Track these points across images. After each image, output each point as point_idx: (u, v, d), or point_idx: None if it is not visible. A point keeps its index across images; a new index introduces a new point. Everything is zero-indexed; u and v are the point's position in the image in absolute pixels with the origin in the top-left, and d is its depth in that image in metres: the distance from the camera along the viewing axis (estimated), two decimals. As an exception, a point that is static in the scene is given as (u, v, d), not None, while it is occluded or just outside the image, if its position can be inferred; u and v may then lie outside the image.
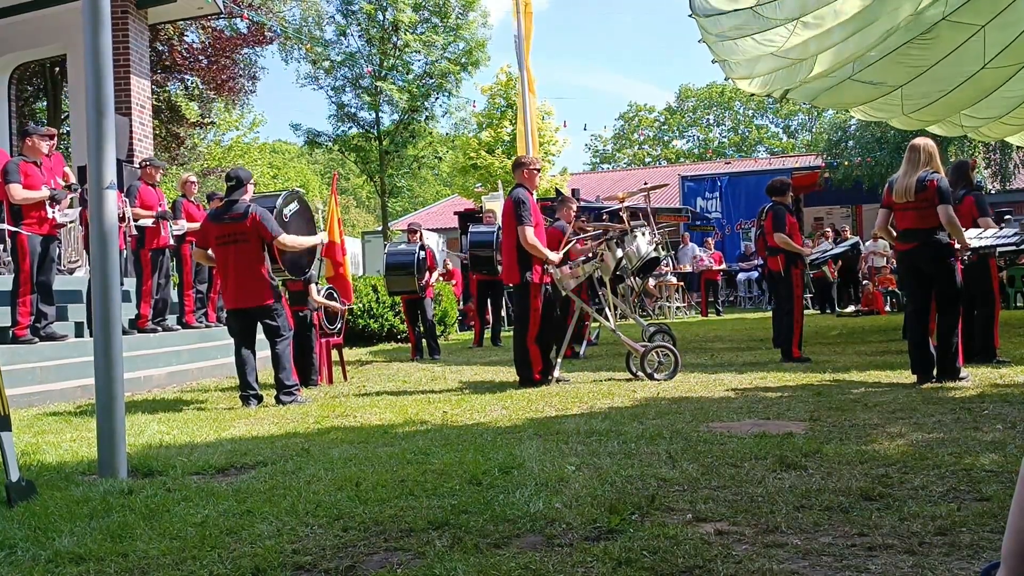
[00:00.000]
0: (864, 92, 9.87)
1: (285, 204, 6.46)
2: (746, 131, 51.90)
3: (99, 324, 3.64)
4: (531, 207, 6.44)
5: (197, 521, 2.86)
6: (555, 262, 6.60)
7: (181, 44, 17.16)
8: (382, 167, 25.64)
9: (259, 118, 35.57)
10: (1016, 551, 1.27)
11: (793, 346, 7.47)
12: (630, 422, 4.51)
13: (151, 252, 8.44)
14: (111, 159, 3.71)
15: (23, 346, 6.97)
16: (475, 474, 3.36)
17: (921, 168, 5.60)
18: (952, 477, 3.08)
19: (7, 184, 6.99)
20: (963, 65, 8.95)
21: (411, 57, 25.16)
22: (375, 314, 12.20)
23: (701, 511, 2.78)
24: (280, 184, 38.60)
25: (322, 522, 2.81)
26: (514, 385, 6.48)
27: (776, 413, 4.67)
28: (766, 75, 9.35)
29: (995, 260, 6.71)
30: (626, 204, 7.53)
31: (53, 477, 3.68)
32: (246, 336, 6.12)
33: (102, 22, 3.65)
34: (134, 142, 11.16)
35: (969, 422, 4.14)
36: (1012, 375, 5.83)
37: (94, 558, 2.52)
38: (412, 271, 9.39)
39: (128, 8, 11.03)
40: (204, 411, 5.86)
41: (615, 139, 54.30)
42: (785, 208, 7.69)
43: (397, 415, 5.22)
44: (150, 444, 4.47)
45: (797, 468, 3.30)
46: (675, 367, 6.51)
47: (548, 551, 2.45)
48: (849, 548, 2.38)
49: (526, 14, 9.56)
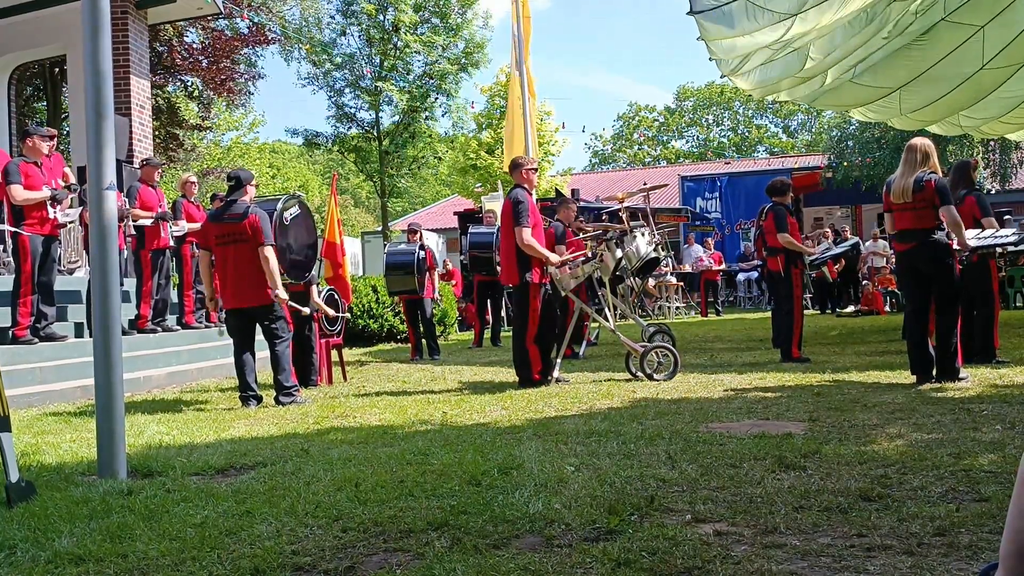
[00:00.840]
0: (863, 93, 9.87)
1: (285, 208, 6.48)
2: (745, 131, 51.89)
3: (99, 325, 3.64)
4: (529, 207, 6.44)
5: (197, 522, 2.86)
6: (554, 263, 6.61)
7: (181, 45, 17.16)
8: (382, 168, 25.64)
9: (259, 119, 35.59)
10: (1014, 551, 1.27)
11: (793, 346, 7.47)
12: (629, 423, 4.52)
13: (151, 253, 8.45)
14: (111, 160, 3.71)
15: (23, 346, 6.97)
16: (474, 475, 3.36)
17: (919, 168, 5.61)
18: (951, 478, 3.08)
19: (8, 185, 6.99)
20: (962, 66, 8.95)
21: (411, 58, 25.17)
22: (375, 314, 12.20)
23: (700, 512, 2.78)
24: (279, 184, 38.61)
25: (321, 523, 2.81)
26: (514, 385, 6.49)
27: (775, 414, 4.68)
28: (761, 66, 9.30)
29: (995, 260, 6.72)
30: (625, 204, 7.54)
31: (53, 478, 3.68)
32: (245, 337, 6.12)
33: (102, 23, 3.65)
34: (134, 142, 11.16)
35: (968, 423, 4.14)
36: (1011, 375, 5.83)
37: (94, 559, 2.52)
38: (412, 271, 9.40)
39: (128, 8, 11.03)
40: (204, 412, 5.86)
41: (615, 139, 54.30)
42: (785, 208, 7.69)
43: (397, 415, 5.22)
44: (150, 445, 4.48)
45: (796, 469, 3.30)
46: (675, 367, 6.51)
47: (547, 552, 2.45)
48: (848, 549, 2.38)
49: (524, 16, 9.56)
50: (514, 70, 9.72)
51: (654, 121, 53.96)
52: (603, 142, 54.67)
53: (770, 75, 9.45)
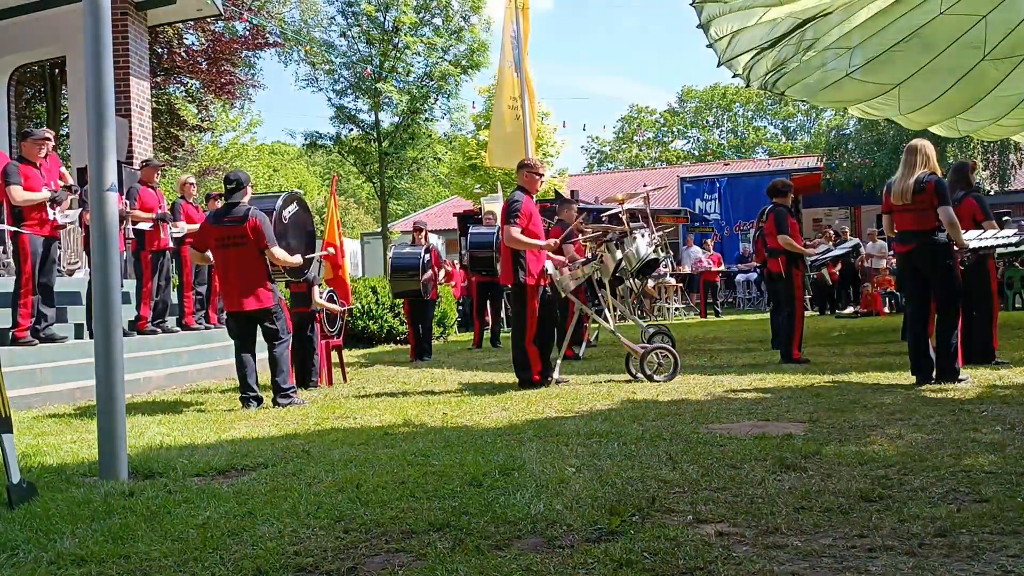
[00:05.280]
0: (862, 89, 9.86)
1: (284, 206, 6.47)
2: (744, 132, 51.92)
3: (99, 326, 3.64)
4: (525, 209, 6.38)
5: (198, 523, 2.86)
6: (552, 247, 6.57)
7: (180, 47, 17.16)
8: (381, 169, 25.64)
9: (255, 119, 35.55)
10: None
11: (793, 347, 7.47)
12: (630, 424, 4.52)
13: (151, 254, 8.45)
14: (112, 161, 3.71)
15: (23, 348, 6.97)
16: (476, 476, 3.36)
17: (918, 170, 5.62)
18: (951, 478, 3.09)
19: (8, 186, 6.99)
20: (963, 58, 8.91)
21: (411, 59, 25.17)
22: (374, 315, 12.20)
23: (701, 513, 2.79)
24: (278, 185, 38.60)
25: (323, 524, 2.82)
26: (514, 386, 6.49)
27: (775, 415, 4.68)
28: (757, 52, 9.30)
29: (994, 261, 6.73)
30: (625, 206, 7.54)
31: (54, 479, 3.68)
32: (246, 338, 6.12)
33: (103, 24, 3.65)
34: (133, 144, 11.16)
35: (968, 423, 4.15)
36: (1011, 376, 5.84)
37: (95, 560, 2.53)
38: (418, 273, 9.31)
39: (128, 10, 11.03)
40: (204, 413, 5.86)
41: (615, 141, 54.33)
42: (786, 210, 7.70)
43: (397, 417, 5.22)
44: (150, 446, 4.48)
45: (797, 469, 3.31)
46: (674, 369, 6.52)
47: (549, 553, 2.46)
48: (849, 549, 2.39)
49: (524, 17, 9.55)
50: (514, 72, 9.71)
51: (655, 123, 54.00)
52: (602, 144, 54.72)
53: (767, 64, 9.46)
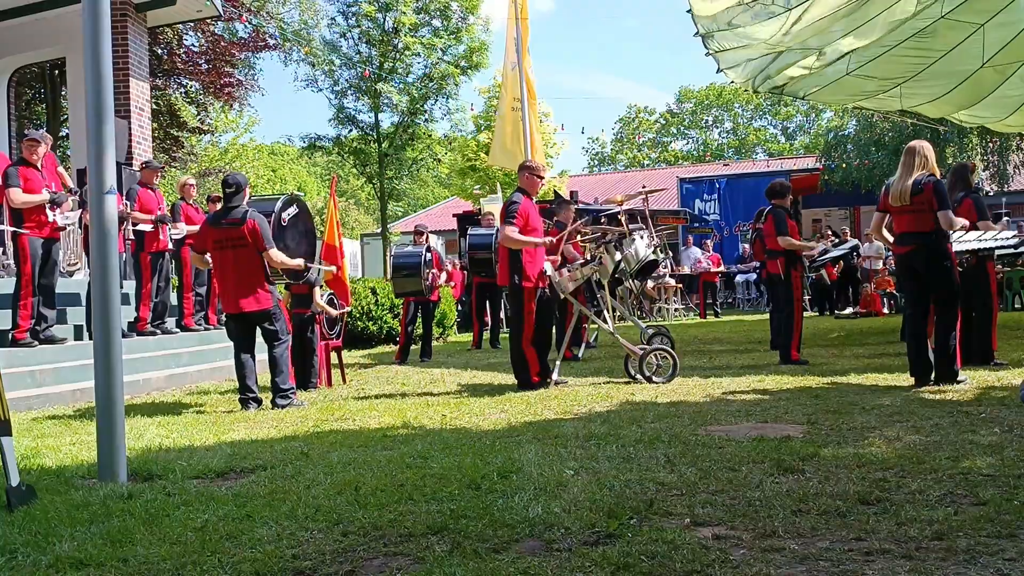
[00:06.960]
0: (863, 86, 9.85)
1: (283, 208, 6.47)
2: (744, 133, 51.93)
3: (99, 327, 3.65)
4: (522, 210, 6.37)
5: (197, 525, 2.87)
6: (547, 243, 6.56)
7: (180, 48, 17.16)
8: (381, 170, 25.63)
9: (252, 118, 35.43)
10: None
11: (792, 348, 7.47)
12: (628, 426, 4.52)
13: (150, 255, 8.45)
14: (111, 163, 3.72)
15: (22, 349, 6.97)
16: (474, 478, 3.37)
17: (917, 171, 5.62)
18: (949, 481, 3.09)
19: (7, 188, 7.00)
20: (963, 63, 8.92)
21: (411, 60, 25.15)
22: (374, 316, 12.19)
23: (699, 515, 2.79)
24: (277, 185, 38.57)
25: (322, 526, 2.82)
26: (512, 388, 6.49)
27: (774, 416, 4.69)
28: (756, 59, 9.31)
29: (992, 263, 6.73)
30: (624, 207, 7.55)
31: (53, 481, 3.68)
32: (245, 340, 6.13)
33: (102, 25, 3.66)
34: (133, 145, 11.16)
35: (966, 425, 4.15)
36: (1009, 378, 5.84)
37: (94, 563, 2.53)
38: (419, 273, 9.31)
39: (127, 11, 11.03)
40: (203, 414, 5.86)
41: (615, 142, 54.34)
42: (784, 211, 7.70)
43: (396, 418, 5.23)
44: (149, 448, 4.48)
45: (794, 472, 3.31)
46: (673, 370, 6.52)
47: (547, 556, 2.46)
48: (846, 553, 2.39)
49: (523, 18, 9.57)
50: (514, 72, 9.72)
51: (654, 123, 54.01)
52: (601, 144, 54.74)
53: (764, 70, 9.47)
